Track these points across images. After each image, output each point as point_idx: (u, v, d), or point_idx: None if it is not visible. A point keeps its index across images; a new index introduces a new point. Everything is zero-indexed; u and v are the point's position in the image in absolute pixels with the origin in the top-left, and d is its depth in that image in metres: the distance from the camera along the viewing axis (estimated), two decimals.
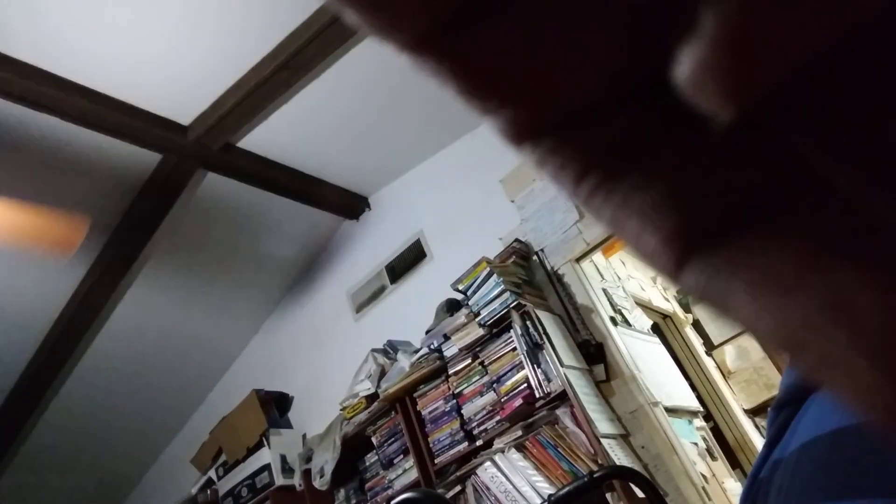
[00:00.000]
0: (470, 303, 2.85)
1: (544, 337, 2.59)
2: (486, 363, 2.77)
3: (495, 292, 2.75)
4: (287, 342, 4.02)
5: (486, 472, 2.60)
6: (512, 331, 2.70)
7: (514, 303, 2.69)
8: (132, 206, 3.10)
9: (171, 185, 3.05)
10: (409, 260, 3.59)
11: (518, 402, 2.59)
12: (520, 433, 2.59)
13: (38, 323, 3.45)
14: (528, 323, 2.66)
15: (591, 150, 0.12)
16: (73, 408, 3.88)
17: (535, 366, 2.59)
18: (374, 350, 3.26)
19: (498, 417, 2.67)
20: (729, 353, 3.83)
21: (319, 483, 3.17)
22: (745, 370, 3.74)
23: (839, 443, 0.28)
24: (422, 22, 0.11)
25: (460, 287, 2.92)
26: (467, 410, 2.77)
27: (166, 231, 3.25)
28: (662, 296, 3.97)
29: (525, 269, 2.97)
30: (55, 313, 3.45)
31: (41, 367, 3.62)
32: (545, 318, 2.67)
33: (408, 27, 0.11)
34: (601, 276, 3.20)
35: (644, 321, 3.30)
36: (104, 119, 2.64)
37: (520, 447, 2.57)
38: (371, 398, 3.13)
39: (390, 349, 3.24)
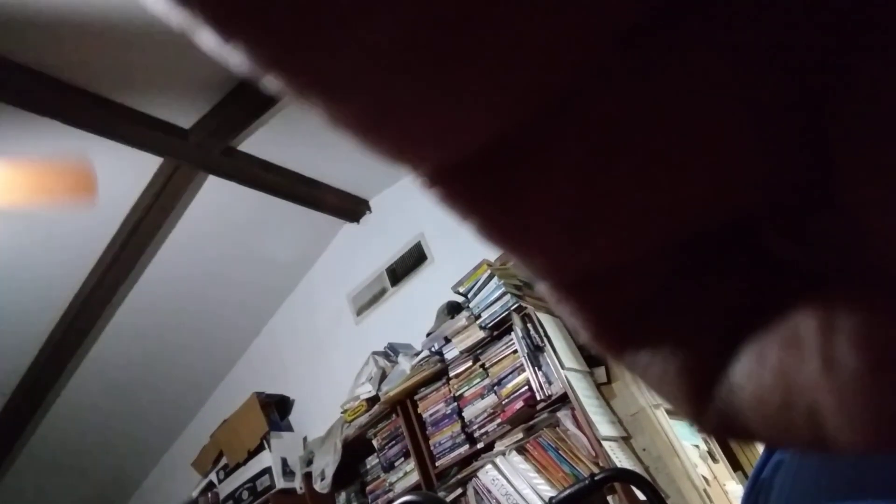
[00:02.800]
0: (471, 305, 2.85)
1: (545, 339, 2.59)
2: (486, 366, 2.76)
3: (496, 294, 2.75)
4: (288, 345, 4.02)
5: (487, 475, 2.60)
6: (513, 333, 2.70)
7: (515, 305, 2.68)
8: (133, 210, 3.10)
9: (171, 188, 3.05)
10: (410, 262, 3.60)
11: (519, 404, 2.59)
12: (521, 436, 2.59)
13: (42, 318, 3.45)
14: (528, 325, 2.66)
15: (611, 311, 0.11)
16: (74, 411, 3.88)
17: (536, 368, 2.58)
18: (374, 353, 3.26)
19: (499, 420, 2.67)
20: None
21: (320, 486, 3.17)
22: None
23: None
24: (435, 161, 0.10)
25: (461, 289, 2.91)
26: (468, 413, 2.77)
27: (165, 235, 3.26)
28: None
29: None
30: (60, 310, 3.45)
31: (42, 368, 3.62)
32: (546, 320, 2.67)
33: (422, 162, 0.10)
34: None
35: None
36: (105, 122, 2.65)
37: (521, 450, 2.56)
38: (372, 401, 3.13)
39: (391, 352, 3.24)
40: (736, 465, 2.87)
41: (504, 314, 2.71)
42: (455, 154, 0.10)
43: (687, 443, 2.59)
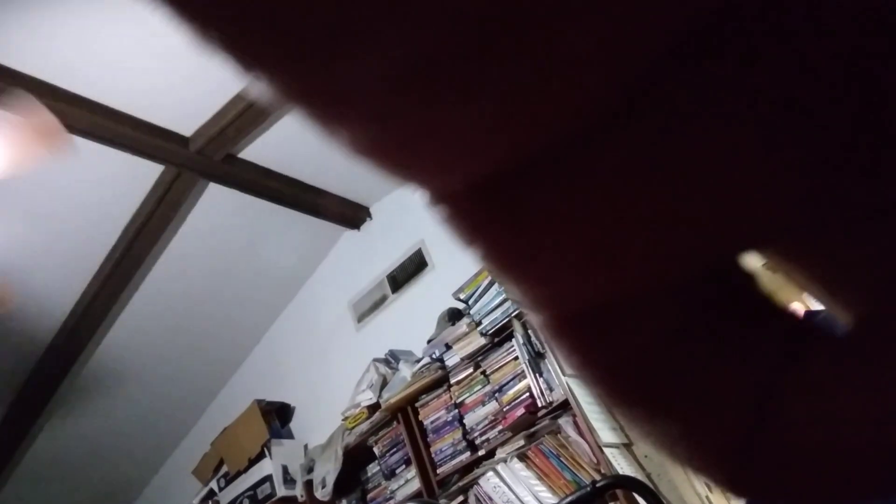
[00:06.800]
0: (471, 312, 2.85)
1: (546, 346, 2.59)
2: (487, 372, 2.76)
3: (497, 301, 2.75)
4: (288, 352, 4.01)
5: (489, 482, 2.59)
6: (514, 340, 2.69)
7: (516, 311, 2.68)
8: (133, 219, 3.10)
9: (172, 197, 3.06)
10: (411, 269, 3.59)
11: (520, 411, 2.58)
12: (522, 443, 2.58)
13: (42, 326, 3.45)
14: (529, 332, 2.65)
15: (610, 355, 0.11)
16: (75, 418, 3.87)
17: (537, 375, 2.58)
18: (375, 360, 3.26)
19: (500, 427, 2.66)
20: None
21: (321, 494, 3.16)
22: None
23: None
24: (452, 183, 0.10)
25: (462, 296, 2.91)
26: (469, 420, 2.76)
27: (166, 242, 3.26)
28: None
29: None
30: (60, 318, 3.44)
31: (43, 376, 3.61)
32: None
33: (437, 184, 0.10)
34: None
35: None
36: (106, 130, 2.65)
37: (522, 457, 2.56)
38: (373, 408, 3.12)
39: (392, 359, 3.23)
40: None
41: (505, 321, 2.71)
42: (466, 178, 0.10)
43: None
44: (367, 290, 3.75)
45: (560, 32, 0.08)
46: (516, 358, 2.67)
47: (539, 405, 2.55)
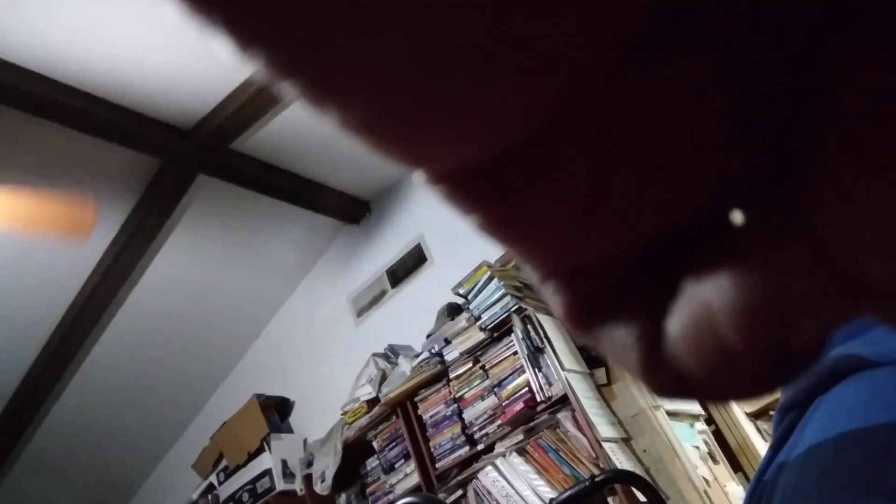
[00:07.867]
0: (471, 307, 2.85)
1: (545, 341, 2.59)
2: (487, 367, 2.76)
3: (496, 296, 2.75)
4: (288, 347, 4.02)
5: (488, 477, 2.60)
6: (513, 335, 2.69)
7: (515, 307, 2.68)
8: (133, 212, 3.10)
9: (172, 190, 3.05)
10: (410, 264, 3.59)
11: (519, 406, 2.59)
12: (521, 437, 2.58)
13: (42, 322, 3.44)
14: (528, 327, 2.66)
15: (592, 298, 0.12)
16: (75, 412, 3.87)
17: (537, 370, 2.58)
18: (374, 354, 3.26)
19: (499, 422, 2.67)
20: None
21: (320, 488, 3.17)
22: None
23: (844, 446, 0.28)
24: (449, 163, 0.10)
25: (461, 291, 2.91)
26: (468, 415, 2.77)
27: (165, 236, 3.25)
28: None
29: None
30: (60, 312, 3.44)
31: (42, 371, 3.61)
32: (546, 321, 2.67)
33: (432, 165, 0.10)
34: None
35: None
36: (106, 124, 2.65)
37: (521, 451, 2.56)
38: (372, 403, 3.13)
39: (391, 353, 3.24)
40: (736, 467, 2.87)
41: (504, 315, 2.71)
42: (466, 159, 0.10)
43: (687, 444, 2.59)
44: (366, 285, 3.76)
45: (558, 13, 0.08)
46: (515, 353, 2.67)
47: (538, 400, 2.56)
